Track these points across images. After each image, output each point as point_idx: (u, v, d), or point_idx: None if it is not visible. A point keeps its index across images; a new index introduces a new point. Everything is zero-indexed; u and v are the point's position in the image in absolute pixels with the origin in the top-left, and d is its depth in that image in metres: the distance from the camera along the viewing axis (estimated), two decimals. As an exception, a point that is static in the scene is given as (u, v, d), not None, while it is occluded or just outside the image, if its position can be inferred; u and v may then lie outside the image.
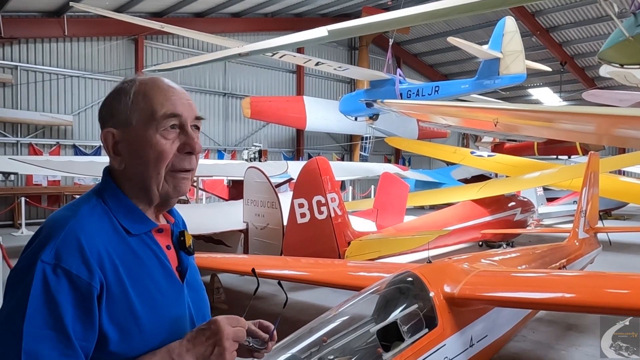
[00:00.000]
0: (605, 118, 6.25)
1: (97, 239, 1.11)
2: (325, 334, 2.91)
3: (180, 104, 1.23)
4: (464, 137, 27.57)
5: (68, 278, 1.04)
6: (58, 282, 1.03)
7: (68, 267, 1.05)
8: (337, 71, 15.97)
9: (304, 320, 3.09)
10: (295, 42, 10.57)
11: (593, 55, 21.13)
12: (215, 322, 1.14)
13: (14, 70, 14.34)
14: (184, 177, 1.25)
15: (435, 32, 23.01)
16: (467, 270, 3.74)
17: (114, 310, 1.09)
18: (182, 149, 1.23)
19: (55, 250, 1.06)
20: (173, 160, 1.21)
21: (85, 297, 1.05)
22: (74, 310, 1.04)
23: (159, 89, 1.23)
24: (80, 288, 1.04)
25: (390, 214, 8.45)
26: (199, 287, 1.36)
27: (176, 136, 1.22)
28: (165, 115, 1.20)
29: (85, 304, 1.05)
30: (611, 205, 14.32)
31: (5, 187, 14.22)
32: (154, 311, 1.15)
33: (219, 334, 1.12)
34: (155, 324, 1.15)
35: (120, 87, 1.24)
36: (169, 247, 1.27)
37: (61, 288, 1.03)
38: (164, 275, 1.21)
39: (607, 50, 8.07)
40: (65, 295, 1.03)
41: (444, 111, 9.24)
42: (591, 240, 6.84)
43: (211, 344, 1.12)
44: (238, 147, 19.46)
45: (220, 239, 7.70)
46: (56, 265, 1.04)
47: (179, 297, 1.23)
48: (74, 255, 1.06)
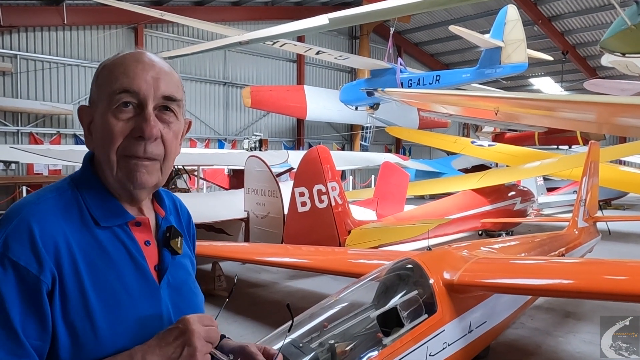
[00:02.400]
0: (606, 106, 6.25)
1: (55, 228, 0.99)
2: (326, 319, 2.96)
3: (141, 79, 1.07)
4: (465, 127, 27.52)
5: (15, 270, 0.94)
6: (4, 273, 0.93)
7: (15, 258, 0.94)
8: (338, 60, 15.90)
9: (305, 308, 3.13)
10: (296, 31, 10.51)
11: (595, 44, 21.00)
12: (184, 320, 1.01)
13: (13, 59, 14.28)
14: (138, 164, 1.07)
15: (436, 21, 22.86)
16: (466, 258, 3.77)
17: (68, 309, 0.97)
18: (133, 132, 1.06)
19: (4, 239, 0.95)
20: (124, 143, 1.06)
21: (33, 292, 0.94)
22: (23, 305, 0.93)
23: (123, 63, 1.09)
24: (28, 282, 0.94)
25: (391, 203, 8.47)
26: (184, 288, 1.20)
27: (132, 116, 1.07)
28: (117, 90, 1.06)
29: (34, 299, 0.94)
30: (611, 195, 14.32)
31: (6, 176, 14.23)
32: (116, 313, 1.02)
33: (187, 332, 0.99)
34: (115, 328, 1.01)
35: (103, 65, 1.13)
36: (147, 243, 1.14)
37: (7, 280, 0.93)
38: (135, 273, 1.08)
39: (609, 39, 8.03)
40: (11, 288, 0.93)
41: (445, 100, 9.21)
42: (590, 229, 6.88)
43: (180, 344, 0.99)
44: (238, 137, 19.44)
45: (222, 227, 7.73)
46: (3, 255, 0.94)
47: (151, 298, 1.09)
48: (23, 244, 0.95)
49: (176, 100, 1.12)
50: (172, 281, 1.16)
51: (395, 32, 16.66)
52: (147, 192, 1.17)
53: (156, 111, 1.09)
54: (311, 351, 2.60)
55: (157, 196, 1.24)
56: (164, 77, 1.10)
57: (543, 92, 25.59)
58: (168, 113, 1.12)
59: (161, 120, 1.10)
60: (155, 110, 1.09)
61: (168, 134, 1.11)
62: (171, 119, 1.12)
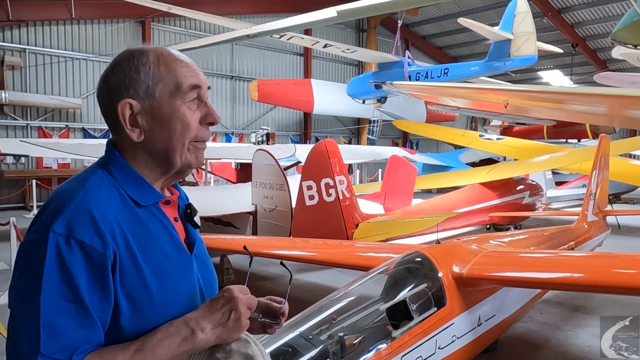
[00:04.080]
0: (617, 99, 6.17)
1: (108, 209, 1.09)
2: (335, 312, 2.96)
3: (201, 75, 1.24)
4: (473, 121, 27.36)
5: (82, 249, 1.03)
6: (71, 253, 1.02)
7: (81, 238, 1.03)
8: (345, 53, 15.84)
9: (313, 301, 3.13)
10: (304, 23, 10.49)
11: (605, 36, 20.78)
12: (229, 289, 1.16)
13: (22, 53, 14.37)
14: (204, 147, 1.26)
15: (444, 14, 22.69)
16: (475, 251, 3.76)
17: (126, 282, 1.08)
18: (204, 120, 1.23)
19: (67, 221, 1.04)
20: (196, 131, 1.22)
21: (99, 268, 1.04)
22: (89, 281, 1.03)
23: (178, 60, 1.22)
24: (94, 258, 1.04)
25: (398, 197, 8.45)
26: (207, 260, 1.34)
27: (197, 107, 1.23)
28: (190, 86, 1.20)
29: (100, 274, 1.04)
30: (621, 188, 14.20)
31: (16, 169, 14.37)
32: (165, 283, 1.14)
33: (233, 300, 1.13)
34: (166, 296, 1.13)
35: (132, 56, 1.19)
36: (176, 219, 1.26)
37: (75, 259, 1.02)
38: (173, 246, 1.20)
39: (621, 31, 7.92)
40: (79, 266, 1.02)
41: (454, 93, 9.15)
42: (600, 223, 6.82)
43: (227, 309, 1.13)
44: (246, 131, 19.46)
45: (230, 221, 7.75)
46: (69, 236, 1.03)
47: (188, 269, 1.22)
48: (86, 225, 1.04)
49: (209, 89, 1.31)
50: (198, 253, 1.29)
51: (402, 24, 16.56)
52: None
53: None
54: (320, 343, 2.61)
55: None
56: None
57: (552, 85, 25.35)
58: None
59: None
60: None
61: (219, 119, 1.31)
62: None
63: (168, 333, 1.08)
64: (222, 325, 1.12)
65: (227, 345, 1.14)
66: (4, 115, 14.07)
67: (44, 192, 13.94)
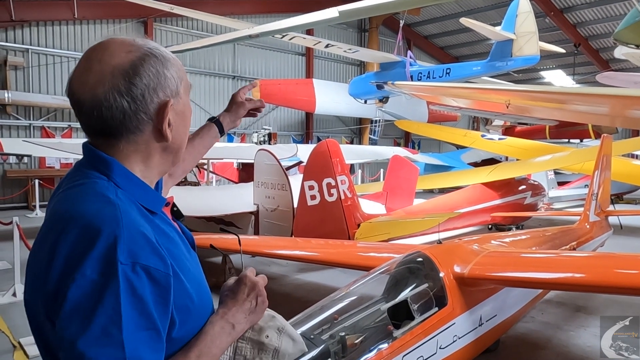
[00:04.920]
0: (620, 99, 6.16)
1: (147, 226, 1.04)
2: (337, 311, 2.96)
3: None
4: (474, 121, 27.33)
5: (147, 274, 0.99)
6: (140, 280, 0.97)
7: (146, 262, 0.99)
8: (347, 53, 15.83)
9: (314, 300, 3.14)
10: (306, 23, 10.50)
11: (608, 36, 20.73)
12: (245, 277, 1.22)
13: (25, 53, 14.41)
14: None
15: (446, 14, 22.66)
16: (477, 251, 3.76)
17: (176, 295, 1.05)
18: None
19: (128, 249, 0.97)
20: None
21: (165, 289, 1.01)
22: (157, 304, 1.00)
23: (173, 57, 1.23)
24: (160, 281, 1.00)
25: (400, 197, 8.45)
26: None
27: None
28: (189, 85, 1.24)
29: (165, 295, 1.01)
30: (623, 189, 14.18)
31: (19, 169, 14.41)
32: (199, 287, 1.14)
33: (256, 286, 1.21)
34: (202, 299, 1.14)
35: (158, 54, 1.13)
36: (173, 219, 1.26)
37: (144, 285, 0.98)
38: (185, 247, 1.18)
39: (623, 31, 7.91)
40: (148, 291, 0.98)
41: (456, 93, 9.14)
42: (602, 223, 6.82)
43: (254, 296, 1.21)
44: (247, 130, 19.48)
45: (231, 220, 7.77)
46: (134, 264, 0.97)
47: (198, 266, 1.22)
48: (145, 249, 1.00)
49: None
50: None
51: (404, 24, 16.53)
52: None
53: None
54: (322, 342, 2.62)
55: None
56: None
57: (554, 85, 25.31)
58: None
59: None
60: None
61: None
62: None
63: (215, 332, 1.14)
64: (252, 312, 1.21)
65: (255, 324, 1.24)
66: (7, 115, 14.11)
67: (47, 191, 13.98)
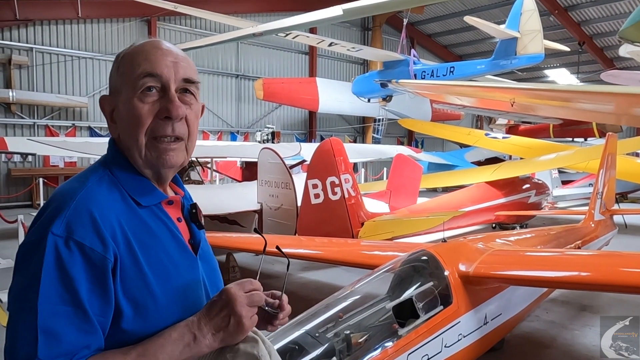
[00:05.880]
0: (624, 97, 6.13)
1: (108, 210, 1.05)
2: (341, 310, 2.96)
3: (162, 63, 1.13)
4: (478, 119, 27.26)
5: (81, 251, 0.99)
6: (71, 255, 0.98)
7: (81, 240, 0.99)
8: (351, 52, 15.82)
9: (319, 299, 3.13)
10: (309, 22, 10.49)
11: (612, 34, 20.65)
12: (226, 291, 1.09)
13: (29, 52, 14.46)
14: (167, 145, 1.15)
15: (450, 12, 22.60)
16: (482, 250, 3.75)
17: (128, 285, 1.04)
18: (160, 113, 1.12)
19: (66, 223, 0.99)
20: (152, 125, 1.13)
21: (100, 270, 1.00)
22: (89, 284, 0.99)
23: (143, 50, 1.15)
24: (94, 261, 0.99)
25: (404, 196, 8.44)
26: (212, 260, 1.30)
27: (156, 99, 1.13)
28: (141, 75, 1.11)
29: (100, 277, 1.00)
30: (628, 188, 14.09)
31: (23, 168, 14.47)
32: (169, 285, 1.10)
33: (230, 302, 1.07)
34: (170, 298, 1.09)
35: (121, 54, 1.18)
36: (179, 220, 1.22)
37: (74, 261, 0.98)
38: (176, 247, 1.15)
39: (628, 29, 7.84)
40: (79, 268, 0.98)
41: (460, 91, 9.12)
42: (607, 222, 6.79)
43: (226, 314, 1.07)
44: (251, 129, 19.50)
45: (235, 219, 7.77)
46: (68, 238, 0.98)
47: (193, 270, 1.18)
48: (86, 227, 1.00)
49: (194, 83, 1.19)
50: (203, 253, 1.25)
51: (408, 23, 16.52)
52: (174, 172, 1.24)
53: (177, 93, 1.15)
54: (327, 341, 2.62)
55: (173, 177, 1.31)
56: (182, 61, 1.17)
57: (559, 83, 25.22)
58: (188, 95, 1.18)
59: (182, 102, 1.16)
60: (177, 93, 1.15)
61: (190, 114, 1.18)
62: (192, 100, 1.19)
63: (171, 339, 1.04)
64: (223, 330, 1.07)
65: (236, 345, 1.10)
66: (12, 114, 14.16)
67: (51, 190, 14.01)
